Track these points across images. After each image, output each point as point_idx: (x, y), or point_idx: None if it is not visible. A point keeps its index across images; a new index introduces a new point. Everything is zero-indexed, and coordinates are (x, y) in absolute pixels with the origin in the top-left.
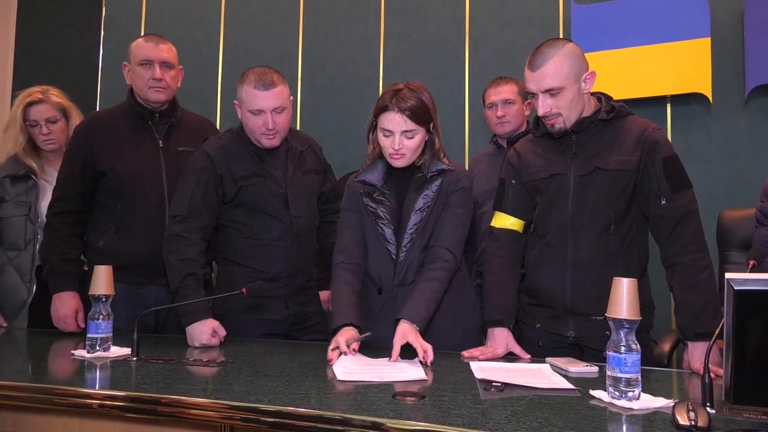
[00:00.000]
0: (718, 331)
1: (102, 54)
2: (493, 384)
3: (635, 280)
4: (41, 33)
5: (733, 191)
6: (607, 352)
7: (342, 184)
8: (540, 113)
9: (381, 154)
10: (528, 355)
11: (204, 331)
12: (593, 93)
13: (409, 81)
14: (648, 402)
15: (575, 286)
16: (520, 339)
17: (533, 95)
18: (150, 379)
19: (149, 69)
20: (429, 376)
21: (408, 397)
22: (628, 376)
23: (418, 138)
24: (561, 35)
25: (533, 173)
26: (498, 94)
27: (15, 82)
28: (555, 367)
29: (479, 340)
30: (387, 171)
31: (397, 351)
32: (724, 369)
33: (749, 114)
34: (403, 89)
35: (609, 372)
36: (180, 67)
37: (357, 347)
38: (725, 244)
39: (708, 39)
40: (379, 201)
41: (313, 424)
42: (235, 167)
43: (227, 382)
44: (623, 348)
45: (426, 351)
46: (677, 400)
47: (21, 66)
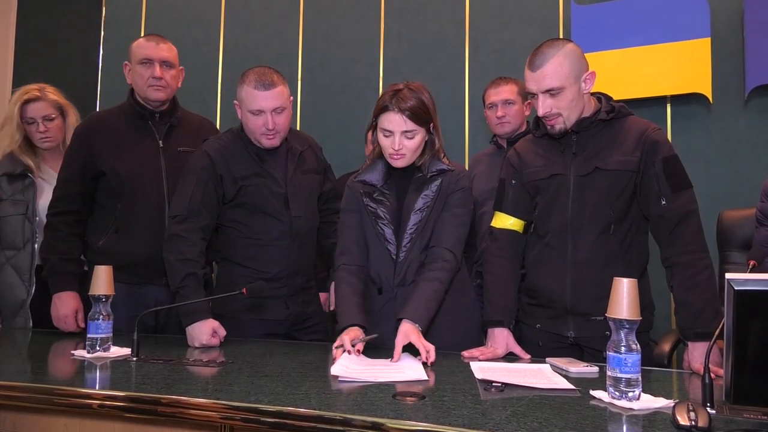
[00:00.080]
0: (718, 332)
1: (102, 54)
2: (494, 384)
3: (635, 280)
4: (41, 33)
5: (733, 191)
6: (608, 352)
7: (341, 184)
8: (540, 113)
9: (381, 154)
10: (528, 356)
11: (204, 332)
12: (593, 93)
13: (409, 81)
14: (648, 402)
15: (575, 286)
16: (520, 339)
17: (533, 95)
18: (150, 380)
19: (149, 68)
20: (428, 376)
21: (408, 398)
22: (628, 376)
23: (418, 138)
24: (561, 35)
25: (533, 173)
26: (498, 94)
27: (15, 82)
28: (555, 368)
29: (479, 340)
30: (387, 171)
31: (399, 351)
32: (724, 369)
33: (749, 114)
34: (403, 89)
35: (609, 372)
36: (181, 68)
37: (361, 348)
38: (725, 244)
39: (708, 39)
40: (379, 201)
41: (313, 424)
42: (235, 167)
43: (227, 382)
44: (623, 348)
45: (428, 351)
46: (677, 400)
47: (21, 66)
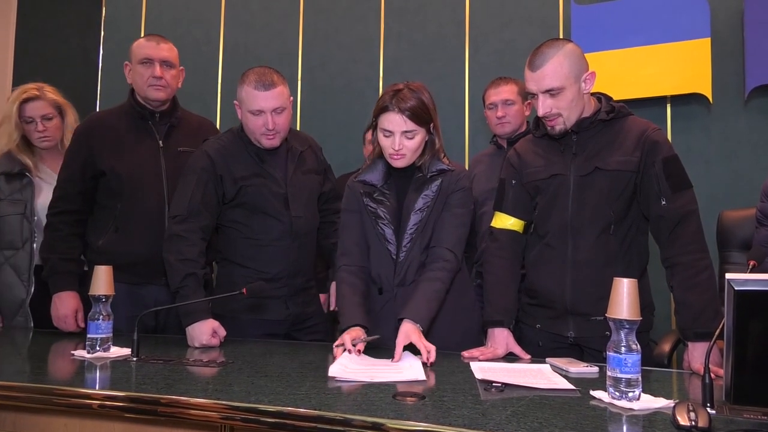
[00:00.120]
0: (718, 332)
1: (102, 54)
2: (494, 384)
3: (635, 280)
4: (41, 33)
5: (733, 191)
6: (608, 352)
7: (339, 184)
8: (540, 113)
9: (381, 154)
10: (528, 356)
11: (204, 332)
12: (593, 93)
13: (409, 81)
14: (648, 402)
15: (575, 286)
16: (520, 339)
17: (533, 95)
18: (150, 380)
19: (149, 67)
20: (428, 376)
21: (408, 398)
22: (628, 376)
23: (418, 138)
24: (561, 35)
25: (533, 173)
26: (498, 94)
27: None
28: (555, 368)
29: (479, 340)
30: (387, 171)
31: (400, 351)
32: (724, 369)
33: (749, 114)
34: (404, 89)
35: (609, 372)
36: (181, 68)
37: (362, 348)
38: (725, 244)
39: (708, 39)
40: (380, 201)
41: (314, 424)
42: (235, 167)
43: (227, 382)
44: (623, 348)
45: (429, 352)
46: (677, 400)
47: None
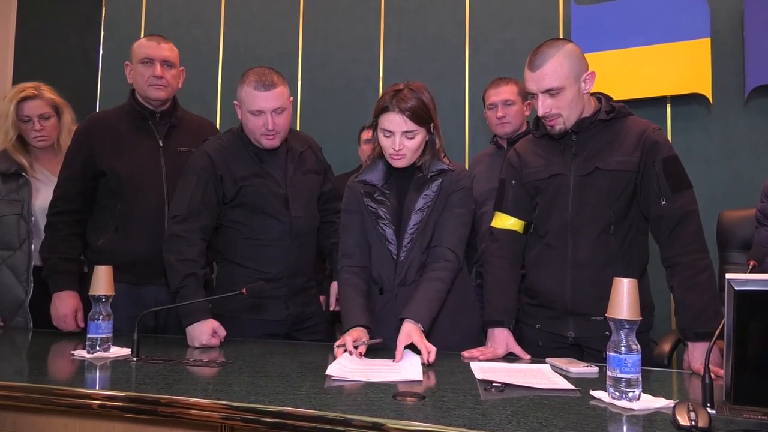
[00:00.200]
0: (718, 332)
1: (102, 54)
2: (494, 384)
3: (635, 280)
4: (41, 33)
5: (733, 191)
6: (608, 352)
7: (337, 185)
8: (540, 113)
9: (381, 154)
10: (528, 356)
11: (204, 332)
12: (593, 93)
13: (410, 81)
14: (648, 402)
15: (575, 286)
16: (520, 339)
17: (533, 95)
18: (150, 380)
19: (150, 67)
20: (427, 376)
21: (408, 398)
22: (628, 376)
23: (418, 138)
24: (561, 35)
25: (533, 173)
26: (498, 94)
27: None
28: (555, 368)
29: (479, 340)
30: (387, 171)
31: (401, 351)
32: (724, 369)
33: (749, 114)
34: (404, 89)
35: (609, 372)
36: (181, 68)
37: (364, 350)
38: (725, 244)
39: (708, 39)
40: (380, 201)
41: (314, 424)
42: (235, 167)
43: (227, 382)
44: (623, 348)
45: (430, 352)
46: (677, 400)
47: (21, 66)
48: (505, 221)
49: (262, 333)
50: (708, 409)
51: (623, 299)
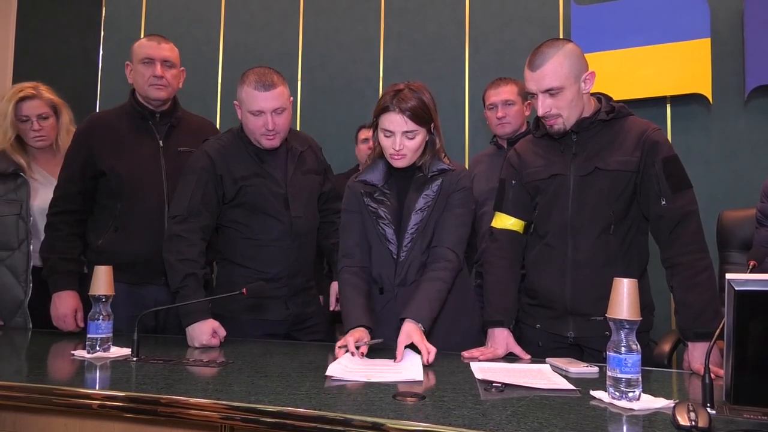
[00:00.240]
0: (718, 332)
1: (102, 54)
2: (494, 384)
3: (635, 280)
4: (41, 33)
5: (733, 191)
6: (608, 352)
7: (339, 184)
8: (540, 113)
9: (381, 154)
10: (528, 356)
11: (204, 332)
12: (593, 93)
13: (410, 81)
14: (648, 402)
15: (575, 286)
16: (520, 339)
17: (533, 95)
18: (150, 380)
19: (150, 66)
20: (425, 377)
21: (408, 398)
22: (628, 376)
23: (418, 138)
24: (561, 35)
25: (533, 173)
26: (498, 95)
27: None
28: (555, 368)
29: (479, 340)
30: (388, 171)
31: (402, 351)
32: (724, 369)
33: (749, 114)
34: (404, 90)
35: (609, 372)
36: (182, 69)
37: (365, 351)
38: (725, 244)
39: (708, 39)
40: (380, 201)
41: (314, 424)
42: (235, 167)
43: (227, 382)
44: (623, 348)
45: (430, 353)
46: (677, 400)
47: (21, 66)
48: (505, 221)
49: (262, 333)
50: (708, 410)
51: (623, 299)
